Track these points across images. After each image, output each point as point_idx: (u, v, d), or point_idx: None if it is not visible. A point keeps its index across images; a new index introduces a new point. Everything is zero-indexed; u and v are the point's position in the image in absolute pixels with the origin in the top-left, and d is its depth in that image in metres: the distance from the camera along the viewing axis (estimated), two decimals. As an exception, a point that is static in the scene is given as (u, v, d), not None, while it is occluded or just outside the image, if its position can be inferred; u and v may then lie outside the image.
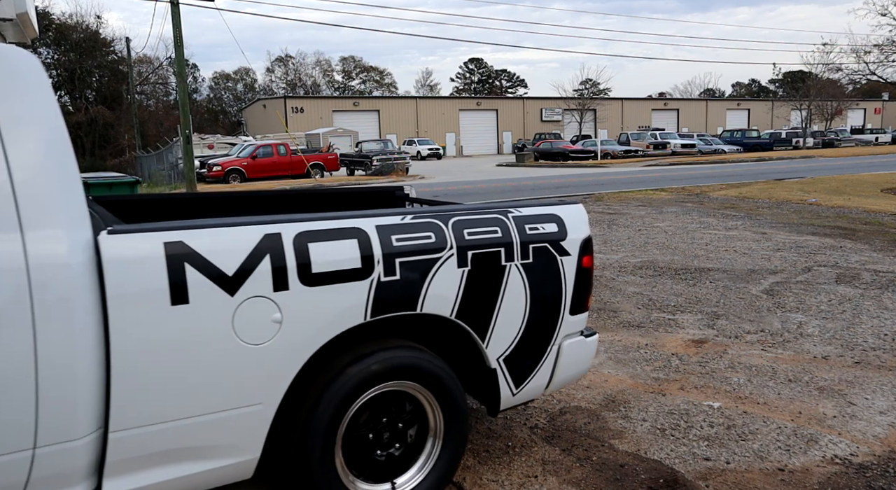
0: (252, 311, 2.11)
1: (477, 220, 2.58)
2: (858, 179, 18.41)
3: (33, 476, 1.89)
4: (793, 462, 3.00)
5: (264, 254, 2.13)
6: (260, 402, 2.18)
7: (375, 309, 2.33)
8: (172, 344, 2.01)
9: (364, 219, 2.36)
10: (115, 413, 1.96)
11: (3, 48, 1.97)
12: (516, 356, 2.72)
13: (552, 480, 2.85)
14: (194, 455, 2.12)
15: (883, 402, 3.62)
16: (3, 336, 1.79)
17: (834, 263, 7.16)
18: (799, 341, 4.67)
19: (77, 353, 1.87)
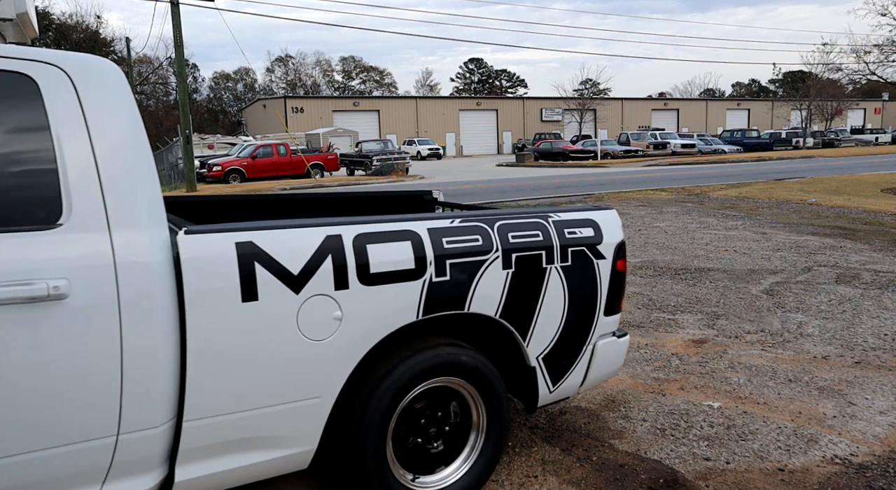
0: (315, 309, 2.22)
1: (520, 223, 2.69)
2: (858, 179, 18.42)
3: (116, 460, 2.00)
4: (793, 462, 3.00)
5: (327, 254, 2.24)
6: (319, 396, 2.29)
7: (427, 308, 2.43)
8: (242, 339, 2.12)
9: (417, 222, 2.47)
10: (189, 403, 2.07)
11: (90, 58, 2.10)
12: (554, 355, 2.82)
13: (552, 480, 2.85)
14: (257, 445, 2.23)
15: (883, 402, 3.62)
16: (94, 329, 1.90)
17: (834, 263, 7.17)
18: (799, 341, 4.67)
19: (157, 346, 1.99)
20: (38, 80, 1.99)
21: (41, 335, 1.85)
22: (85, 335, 1.90)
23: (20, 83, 1.96)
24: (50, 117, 1.97)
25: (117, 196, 2.00)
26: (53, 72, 2.01)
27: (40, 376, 1.86)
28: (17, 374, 1.83)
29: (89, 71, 2.06)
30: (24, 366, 1.84)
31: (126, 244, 1.97)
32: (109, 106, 2.07)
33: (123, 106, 2.10)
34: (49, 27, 39.61)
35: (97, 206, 1.97)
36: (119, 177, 2.02)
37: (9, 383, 1.82)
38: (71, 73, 2.03)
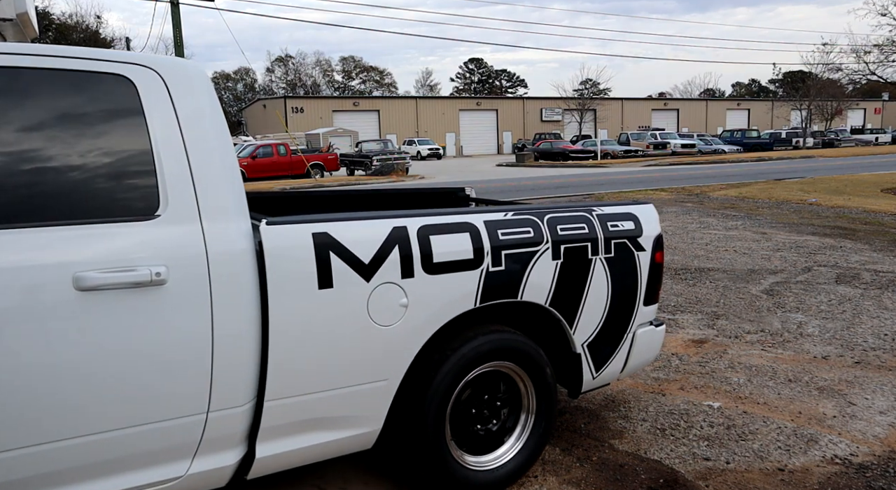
0: (384, 296, 2.36)
1: (568, 217, 2.82)
2: (858, 179, 18.42)
3: (205, 436, 2.14)
4: (793, 462, 3.00)
5: (394, 244, 2.38)
6: (386, 378, 2.43)
7: (484, 296, 2.57)
8: (318, 324, 2.25)
9: (474, 214, 2.62)
10: (270, 384, 2.20)
11: (178, 60, 2.27)
12: (598, 342, 2.96)
13: (552, 480, 2.85)
14: (329, 425, 2.37)
15: (883, 402, 3.62)
16: (189, 313, 2.04)
17: (834, 263, 7.16)
18: (799, 341, 4.67)
19: (243, 330, 2.13)
20: (135, 81, 2.12)
21: (143, 318, 1.98)
22: (181, 318, 2.03)
23: (120, 84, 2.10)
24: (147, 116, 2.11)
25: (207, 189, 2.14)
26: (148, 73, 2.15)
27: (143, 356, 1.99)
28: (123, 354, 1.96)
29: (178, 72, 2.20)
30: (130, 346, 1.97)
31: (216, 234, 2.11)
32: (197, 104, 2.21)
33: (209, 104, 2.24)
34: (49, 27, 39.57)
35: (190, 199, 2.11)
36: (208, 171, 2.16)
37: (116, 362, 1.95)
38: (163, 75, 2.17)
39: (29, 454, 1.88)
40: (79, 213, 1.97)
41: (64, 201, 1.96)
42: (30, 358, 1.85)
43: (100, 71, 2.08)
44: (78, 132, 2.03)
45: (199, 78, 2.25)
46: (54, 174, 1.97)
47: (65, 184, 1.97)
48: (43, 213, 1.93)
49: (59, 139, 1.99)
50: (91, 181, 2.01)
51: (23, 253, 1.86)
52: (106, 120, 2.06)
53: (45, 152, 1.97)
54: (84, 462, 1.97)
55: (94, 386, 1.93)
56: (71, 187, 1.98)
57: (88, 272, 1.90)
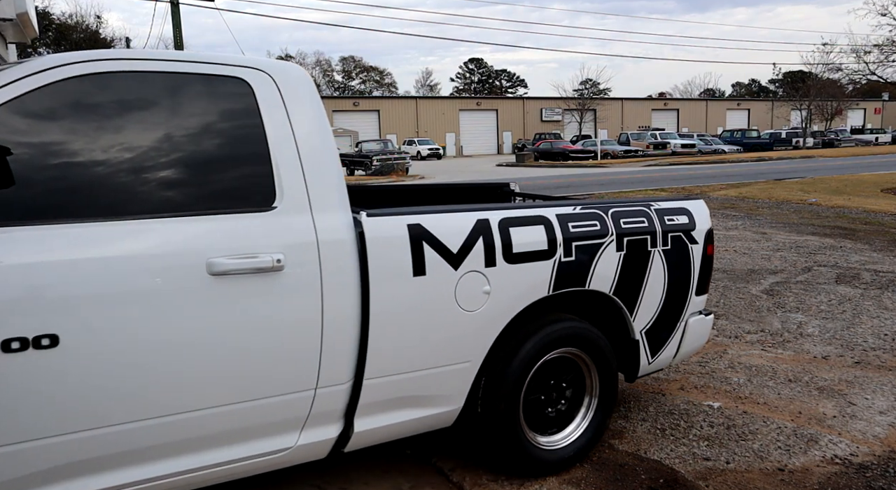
0: (469, 283, 2.54)
1: (629, 211, 3.00)
2: (858, 179, 18.41)
3: (312, 411, 2.33)
4: (793, 462, 3.00)
5: (479, 235, 2.56)
6: (469, 360, 2.61)
7: (556, 284, 2.74)
8: (412, 308, 2.43)
9: (547, 208, 2.79)
10: (369, 364, 2.38)
11: (286, 63, 2.44)
12: (654, 329, 3.14)
13: (552, 480, 2.85)
14: (417, 402, 2.56)
15: (883, 402, 3.62)
16: (303, 297, 2.22)
17: (834, 263, 7.16)
18: (799, 341, 4.67)
19: (347, 313, 2.31)
20: (251, 83, 2.31)
21: (265, 301, 2.16)
22: (296, 301, 2.21)
23: (238, 86, 2.28)
24: (262, 115, 2.29)
25: (316, 182, 2.33)
26: (262, 76, 2.33)
27: (264, 336, 2.17)
28: (247, 334, 2.14)
29: (288, 74, 2.39)
30: (253, 326, 2.15)
31: (324, 224, 2.30)
32: (304, 105, 2.39)
33: (314, 105, 2.41)
34: (49, 27, 39.55)
35: (301, 192, 2.30)
36: (316, 165, 2.35)
37: (241, 341, 2.13)
38: (274, 77, 2.35)
39: (168, 422, 2.07)
40: (209, 204, 2.16)
41: (196, 194, 2.15)
42: (169, 337, 2.02)
43: (221, 74, 2.27)
44: (204, 130, 2.21)
45: (305, 80, 2.43)
46: (187, 169, 2.15)
47: (196, 178, 2.16)
48: (179, 205, 2.12)
49: (189, 137, 2.18)
50: (217, 175, 2.20)
51: (164, 240, 2.05)
52: (228, 119, 2.25)
53: (180, 149, 2.16)
54: (211, 432, 2.16)
55: (222, 362, 2.12)
56: (201, 181, 2.17)
57: (219, 258, 2.09)
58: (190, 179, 2.15)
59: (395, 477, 2.88)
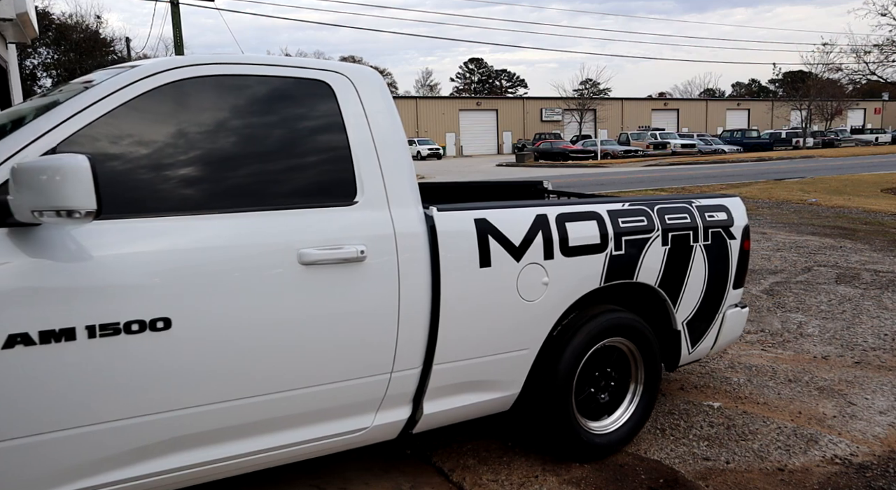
0: (530, 275, 2.68)
1: (673, 207, 3.15)
2: (858, 179, 18.41)
3: (387, 394, 2.48)
4: (793, 462, 3.00)
5: (538, 230, 2.70)
6: (527, 348, 2.76)
7: (608, 277, 2.89)
8: (479, 297, 2.58)
9: (599, 205, 2.93)
10: (439, 349, 2.52)
11: (362, 66, 2.59)
12: (695, 321, 3.29)
13: (552, 480, 2.85)
14: (480, 387, 2.70)
15: (883, 402, 3.62)
16: (383, 286, 2.37)
17: (834, 263, 7.16)
18: (799, 341, 4.67)
19: (420, 302, 2.45)
20: (332, 85, 2.45)
21: (349, 289, 2.31)
22: (377, 290, 2.36)
23: (321, 89, 2.43)
24: (343, 115, 2.44)
25: (392, 178, 2.48)
26: (341, 79, 2.48)
27: (349, 322, 2.32)
28: (334, 320, 2.29)
29: (364, 77, 2.53)
30: (339, 313, 2.30)
31: (400, 218, 2.44)
32: (380, 105, 2.53)
33: (388, 105, 2.55)
34: (49, 27, 39.50)
35: (379, 187, 2.44)
36: (391, 162, 2.49)
37: (328, 327, 2.28)
38: (353, 79, 2.50)
39: (262, 401, 2.21)
40: (298, 199, 2.31)
41: (287, 189, 2.30)
42: (265, 322, 2.17)
43: (304, 77, 2.41)
44: (293, 130, 2.35)
45: (379, 82, 2.56)
46: (279, 167, 2.30)
47: (287, 174, 2.31)
48: (273, 200, 2.27)
49: (279, 136, 2.32)
50: (305, 172, 2.34)
51: (261, 232, 2.19)
52: (312, 119, 2.39)
53: (272, 148, 2.30)
54: (299, 411, 2.30)
55: (311, 346, 2.26)
56: (291, 177, 2.31)
57: (309, 249, 2.23)
58: (282, 176, 2.30)
59: (395, 477, 2.88)
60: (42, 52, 41.78)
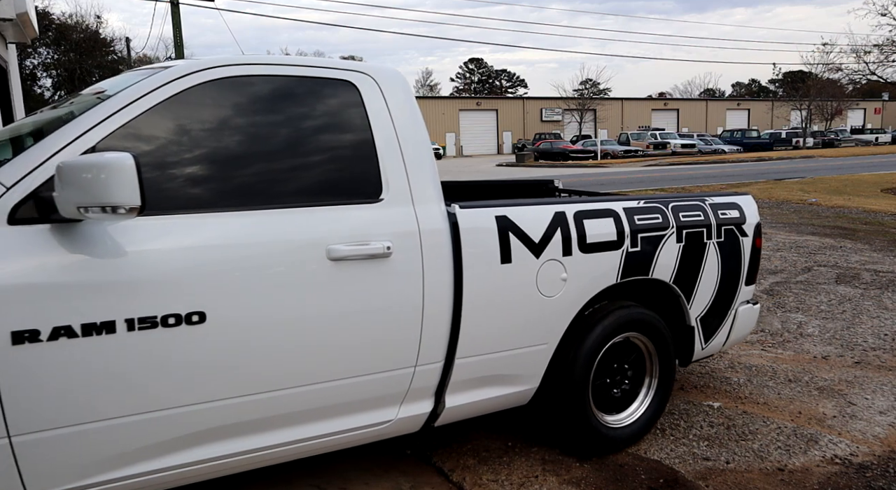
0: (549, 271, 2.74)
1: (687, 205, 3.21)
2: (858, 179, 18.41)
3: (411, 387, 2.53)
4: (793, 462, 3.00)
5: (557, 227, 2.76)
6: (546, 343, 2.82)
7: (624, 273, 2.95)
8: (500, 293, 2.63)
9: (615, 202, 2.99)
10: (461, 344, 2.58)
11: (386, 67, 2.64)
12: (708, 317, 3.35)
13: (552, 480, 2.85)
14: (500, 381, 2.76)
15: (883, 402, 3.62)
16: (408, 281, 2.42)
17: (834, 263, 7.16)
18: (799, 341, 4.67)
19: (443, 297, 2.50)
20: (357, 85, 2.51)
21: (376, 284, 2.36)
22: (402, 285, 2.41)
23: (346, 89, 2.50)
24: (368, 114, 2.50)
25: (416, 176, 2.53)
26: (367, 79, 2.54)
27: (376, 316, 2.37)
28: (361, 314, 2.35)
29: (388, 77, 2.59)
30: (366, 307, 2.35)
31: (424, 215, 2.50)
32: (403, 105, 2.59)
33: (411, 104, 2.62)
34: (49, 27, 39.49)
35: (404, 185, 2.50)
36: (415, 160, 2.55)
37: (356, 321, 2.33)
38: (377, 79, 2.56)
39: (291, 394, 2.27)
40: (327, 196, 2.37)
41: (316, 187, 2.36)
42: (295, 316, 2.22)
43: (331, 77, 2.48)
44: (321, 129, 2.42)
45: (402, 81, 2.63)
46: (308, 164, 2.37)
47: (316, 172, 2.37)
48: (303, 197, 2.33)
49: (308, 135, 2.39)
50: (333, 170, 2.40)
51: (292, 228, 2.25)
52: (339, 118, 2.46)
53: (302, 146, 2.37)
54: (326, 404, 2.36)
55: (338, 340, 2.32)
56: (320, 175, 2.38)
57: (337, 245, 2.29)
58: (310, 173, 2.37)
59: (395, 477, 2.88)
60: (42, 52, 41.75)
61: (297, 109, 2.39)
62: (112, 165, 1.79)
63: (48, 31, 39.20)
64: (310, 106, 2.42)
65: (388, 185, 2.47)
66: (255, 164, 2.27)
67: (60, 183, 1.82)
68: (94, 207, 1.81)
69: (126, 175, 1.80)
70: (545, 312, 2.76)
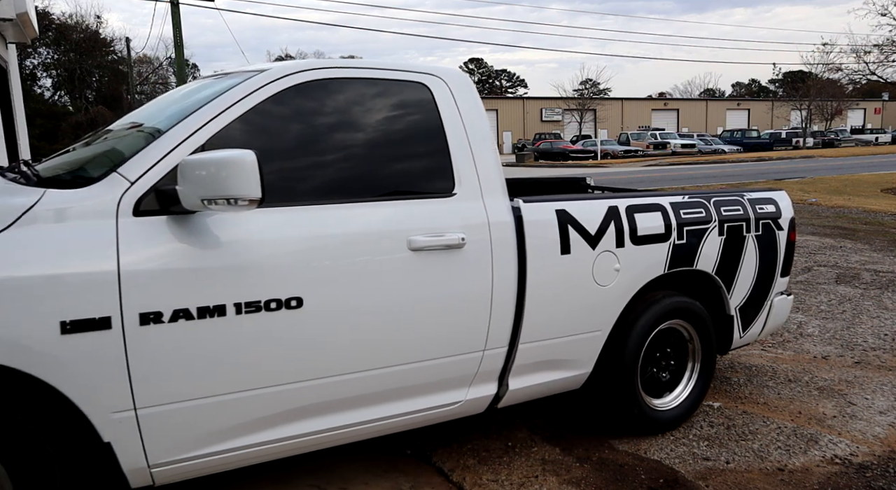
0: (604, 262, 2.92)
1: (727, 200, 3.39)
2: (858, 179, 18.41)
3: (479, 370, 2.72)
4: (793, 462, 3.00)
5: (611, 220, 2.94)
6: (600, 329, 2.99)
7: (671, 264, 3.14)
8: (559, 282, 2.81)
9: (662, 197, 3.19)
10: (524, 330, 2.76)
11: (454, 69, 2.82)
12: (746, 306, 3.53)
13: (552, 480, 2.85)
14: (557, 366, 2.94)
15: (883, 402, 3.62)
16: (479, 271, 2.60)
17: (834, 263, 7.16)
18: (799, 341, 4.67)
19: (508, 285, 2.68)
20: (430, 86, 2.70)
21: (451, 273, 2.54)
22: (474, 274, 2.59)
23: (420, 90, 2.68)
24: (441, 113, 2.68)
25: (484, 171, 2.71)
26: (437, 81, 2.72)
27: (451, 303, 2.56)
28: (439, 301, 2.53)
29: (457, 79, 2.78)
30: (443, 295, 2.53)
31: (492, 208, 2.68)
32: (471, 103, 2.77)
33: (478, 103, 2.80)
34: (49, 27, 39.48)
35: (474, 180, 2.68)
36: (483, 157, 2.73)
37: (434, 307, 2.52)
38: (447, 80, 2.74)
39: (376, 375, 2.45)
40: (406, 191, 2.55)
41: (398, 182, 2.54)
42: (381, 303, 2.41)
43: (408, 80, 2.66)
44: (400, 128, 2.60)
45: (469, 83, 2.80)
46: (391, 161, 2.55)
47: (397, 168, 2.55)
48: (387, 192, 2.51)
49: (390, 133, 2.57)
50: (411, 166, 2.58)
51: (378, 220, 2.43)
52: (416, 117, 2.64)
53: (385, 144, 2.56)
54: (406, 384, 2.54)
55: (418, 325, 2.50)
56: (401, 171, 2.56)
57: (418, 236, 2.47)
58: (392, 169, 2.55)
59: (395, 477, 2.88)
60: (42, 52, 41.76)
61: (379, 110, 2.58)
62: (236, 161, 1.97)
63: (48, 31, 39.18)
64: (389, 106, 2.60)
65: (460, 180, 2.65)
66: (343, 161, 2.46)
67: (183, 178, 2.02)
68: (219, 200, 1.99)
69: (248, 170, 1.98)
70: (600, 301, 2.93)
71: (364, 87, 2.57)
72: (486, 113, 2.87)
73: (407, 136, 2.60)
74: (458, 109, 2.72)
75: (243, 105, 2.33)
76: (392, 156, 2.56)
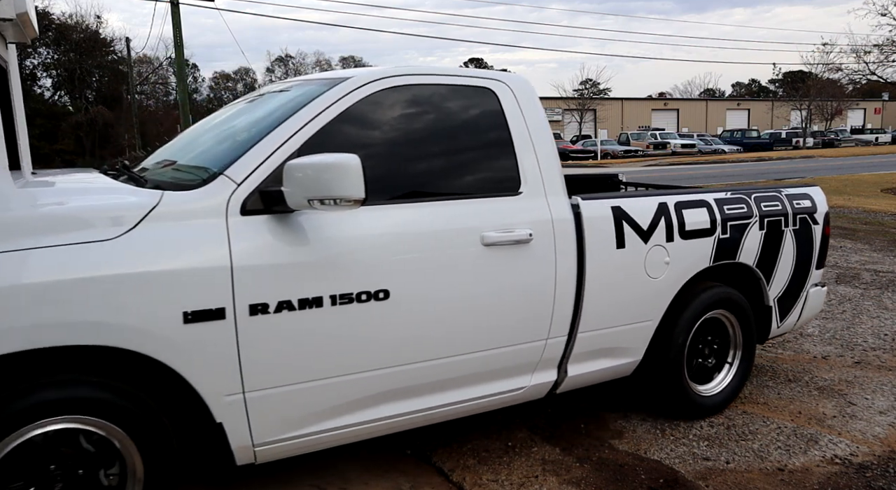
0: (655, 255, 3.09)
1: (767, 196, 3.56)
2: (858, 179, 18.41)
3: (542, 357, 2.90)
4: (793, 462, 3.00)
5: (661, 216, 3.11)
6: (650, 319, 3.17)
7: (716, 257, 3.30)
8: (615, 274, 2.98)
9: (707, 194, 3.36)
10: (582, 320, 2.94)
11: (517, 74, 2.99)
12: (784, 298, 3.70)
13: (552, 480, 2.85)
14: (611, 354, 3.12)
15: (883, 402, 3.62)
16: (544, 264, 2.77)
17: (834, 263, 7.16)
18: (799, 341, 4.67)
19: (569, 278, 2.86)
20: (496, 91, 2.87)
21: (520, 266, 2.72)
22: (540, 267, 2.77)
23: (487, 95, 2.85)
24: (507, 117, 2.86)
25: (547, 171, 2.88)
26: (502, 86, 2.90)
27: (520, 294, 2.73)
28: (509, 293, 2.70)
29: (519, 83, 2.95)
30: (513, 287, 2.71)
31: (555, 205, 2.85)
32: (533, 108, 2.94)
33: (539, 107, 2.96)
34: (49, 27, 39.45)
35: (538, 179, 2.85)
36: (545, 157, 2.90)
37: (505, 298, 2.69)
38: (510, 85, 2.92)
39: (453, 362, 2.64)
40: (478, 190, 2.72)
41: (471, 182, 2.72)
42: (458, 294, 2.59)
43: (476, 85, 2.84)
44: (472, 130, 2.77)
45: (530, 87, 2.98)
46: (465, 162, 2.73)
47: (470, 169, 2.73)
48: (462, 190, 2.69)
49: (464, 135, 2.75)
50: (482, 167, 2.76)
51: (455, 217, 2.61)
52: (485, 121, 2.81)
53: (459, 146, 2.73)
54: (478, 371, 2.72)
55: (490, 315, 2.67)
56: (473, 171, 2.73)
57: (490, 232, 2.65)
58: (466, 169, 2.73)
59: (395, 477, 2.88)
60: (42, 52, 41.72)
61: (451, 113, 2.76)
62: (342, 164, 2.15)
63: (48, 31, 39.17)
64: (460, 110, 2.78)
65: (526, 180, 2.82)
66: (422, 162, 2.64)
67: (289, 179, 2.20)
68: (325, 200, 2.16)
69: (353, 172, 2.15)
70: (651, 292, 3.10)
71: (438, 92, 2.75)
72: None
73: (476, 137, 2.77)
74: (522, 112, 2.89)
75: (332, 111, 2.50)
76: (464, 156, 2.74)
